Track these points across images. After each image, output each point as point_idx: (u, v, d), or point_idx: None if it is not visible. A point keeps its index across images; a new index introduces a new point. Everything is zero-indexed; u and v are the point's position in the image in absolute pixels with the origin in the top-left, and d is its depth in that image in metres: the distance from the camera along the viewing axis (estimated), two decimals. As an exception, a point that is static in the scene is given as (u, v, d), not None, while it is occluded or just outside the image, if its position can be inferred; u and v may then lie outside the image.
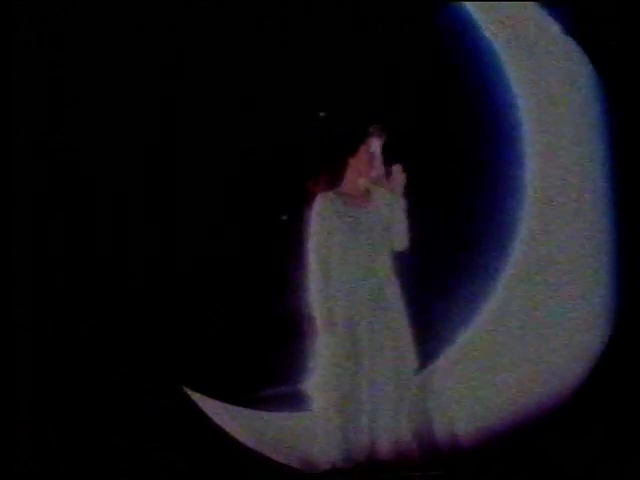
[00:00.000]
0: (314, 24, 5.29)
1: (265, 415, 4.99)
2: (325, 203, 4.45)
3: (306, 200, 4.60)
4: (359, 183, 4.57)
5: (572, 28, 5.35)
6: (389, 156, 4.64)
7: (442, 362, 5.20)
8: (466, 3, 5.24)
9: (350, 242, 4.50)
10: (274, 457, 4.83)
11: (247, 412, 5.01)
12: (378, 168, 4.55)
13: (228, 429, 4.89)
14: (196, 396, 4.95)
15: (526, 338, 5.34)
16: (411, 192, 4.69)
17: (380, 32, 5.26)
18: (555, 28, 5.30)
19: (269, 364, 5.01)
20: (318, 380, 4.59)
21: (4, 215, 5.18)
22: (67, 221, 5.17)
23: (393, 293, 4.58)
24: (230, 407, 5.04)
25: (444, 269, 5.16)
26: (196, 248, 5.25)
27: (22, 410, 5.07)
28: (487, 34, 5.29)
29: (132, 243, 5.19)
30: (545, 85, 5.38)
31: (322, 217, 4.46)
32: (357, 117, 4.81)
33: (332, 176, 4.54)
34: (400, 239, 4.65)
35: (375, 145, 4.54)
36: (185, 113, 5.33)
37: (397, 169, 4.62)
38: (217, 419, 4.92)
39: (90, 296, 5.13)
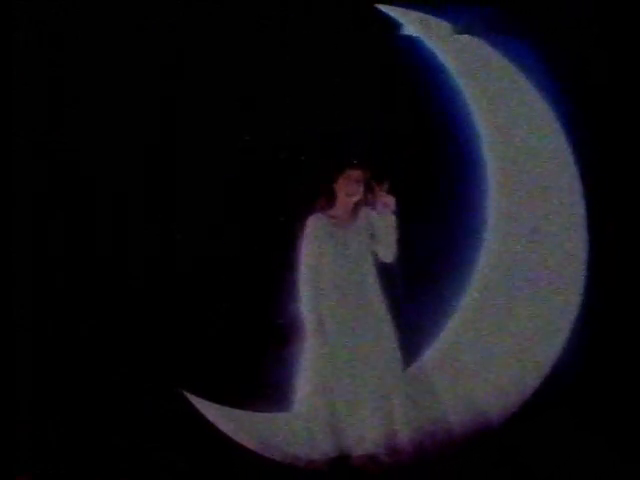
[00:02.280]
0: (291, 65, 5.44)
1: (256, 415, 5.19)
2: (316, 224, 4.96)
3: (300, 218, 5.02)
4: (348, 206, 5.02)
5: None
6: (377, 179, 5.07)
7: (426, 359, 5.55)
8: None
9: (338, 258, 4.97)
10: (266, 454, 5.02)
11: (240, 413, 5.19)
12: (359, 195, 5.01)
13: (223, 429, 5.05)
14: (193, 398, 5.08)
15: (502, 332, 5.64)
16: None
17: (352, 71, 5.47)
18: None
19: (261, 367, 5.11)
20: (307, 382, 4.95)
21: (4, 215, 5.20)
22: (67, 221, 5.18)
23: (378, 301, 5.01)
24: (224, 408, 5.18)
25: (422, 273, 5.44)
26: (193, 257, 5.32)
27: (22, 411, 5.09)
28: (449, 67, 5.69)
29: (132, 247, 5.22)
30: (502, 107, 5.75)
31: (313, 236, 4.94)
32: (338, 149, 5.22)
33: (325, 199, 5.02)
34: (387, 253, 5.05)
35: (355, 174, 5.00)
36: (185, 113, 5.35)
37: (385, 194, 5.03)
38: (213, 419, 5.06)
39: (90, 298, 5.15)
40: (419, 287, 5.39)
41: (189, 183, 5.32)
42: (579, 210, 5.63)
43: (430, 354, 5.58)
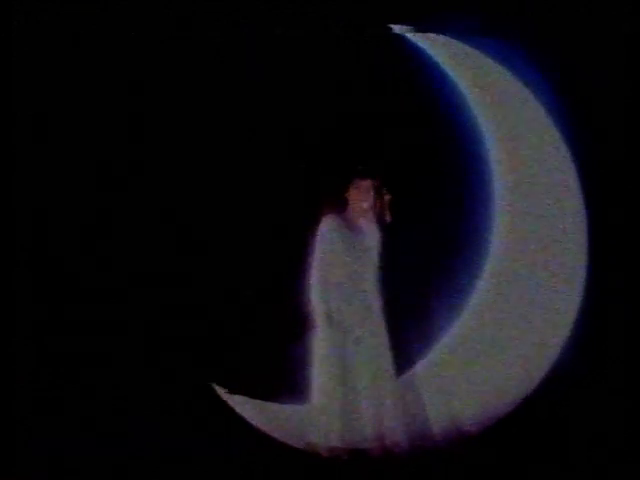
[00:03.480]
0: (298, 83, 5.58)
1: (278, 406, 5.46)
2: (329, 224, 5.24)
3: (315, 219, 5.25)
4: (359, 211, 5.29)
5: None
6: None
7: (425, 362, 5.77)
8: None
9: (345, 260, 5.24)
10: (288, 442, 5.27)
11: (264, 404, 5.47)
12: (369, 201, 5.26)
13: (249, 419, 5.35)
14: (223, 392, 5.39)
15: (500, 341, 5.86)
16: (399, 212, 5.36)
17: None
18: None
19: (283, 362, 5.27)
20: (320, 374, 5.19)
21: (4, 216, 5.23)
22: (89, 218, 5.30)
23: (376, 307, 5.26)
24: (251, 400, 5.45)
25: (425, 280, 5.63)
26: (217, 259, 5.50)
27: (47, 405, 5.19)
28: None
29: (160, 249, 5.38)
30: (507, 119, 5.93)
31: (325, 235, 5.23)
32: (349, 159, 5.40)
33: (336, 204, 5.27)
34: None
35: (365, 184, 5.25)
36: (202, 118, 5.45)
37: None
38: (240, 410, 5.35)
39: (124, 295, 5.28)
40: (418, 297, 5.57)
41: (218, 187, 5.48)
42: (579, 212, 5.80)
43: (424, 363, 5.77)
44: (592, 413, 5.51)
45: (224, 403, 5.32)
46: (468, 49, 5.77)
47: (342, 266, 5.20)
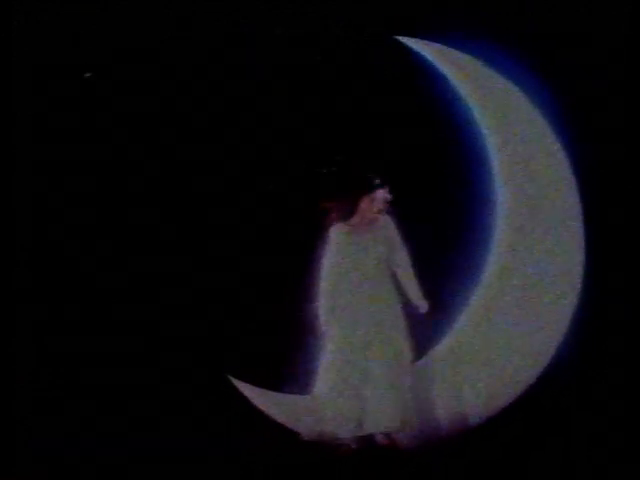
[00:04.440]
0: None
1: (289, 397, 5.56)
2: (337, 233, 5.46)
3: (323, 226, 5.45)
4: (367, 217, 5.47)
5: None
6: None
7: (437, 352, 5.87)
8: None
9: (357, 261, 5.44)
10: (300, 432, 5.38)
11: (276, 395, 5.58)
12: (381, 207, 5.46)
13: (262, 408, 5.51)
14: (237, 382, 5.52)
15: (508, 330, 5.91)
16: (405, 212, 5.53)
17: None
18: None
19: (292, 357, 5.39)
20: (323, 365, 5.36)
21: (4, 216, 5.23)
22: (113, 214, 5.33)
23: (393, 301, 5.43)
24: (263, 390, 5.57)
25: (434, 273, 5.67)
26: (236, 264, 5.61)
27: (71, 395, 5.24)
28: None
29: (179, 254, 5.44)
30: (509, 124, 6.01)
31: (335, 245, 5.43)
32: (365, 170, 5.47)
33: (345, 211, 5.45)
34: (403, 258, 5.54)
35: (380, 194, 5.42)
36: (199, 126, 5.48)
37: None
38: (253, 399, 5.49)
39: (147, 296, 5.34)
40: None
41: (221, 189, 5.54)
42: (578, 212, 5.86)
43: (435, 353, 5.87)
44: (592, 411, 5.53)
45: (227, 400, 5.38)
46: (466, 56, 5.82)
47: (353, 270, 5.38)
